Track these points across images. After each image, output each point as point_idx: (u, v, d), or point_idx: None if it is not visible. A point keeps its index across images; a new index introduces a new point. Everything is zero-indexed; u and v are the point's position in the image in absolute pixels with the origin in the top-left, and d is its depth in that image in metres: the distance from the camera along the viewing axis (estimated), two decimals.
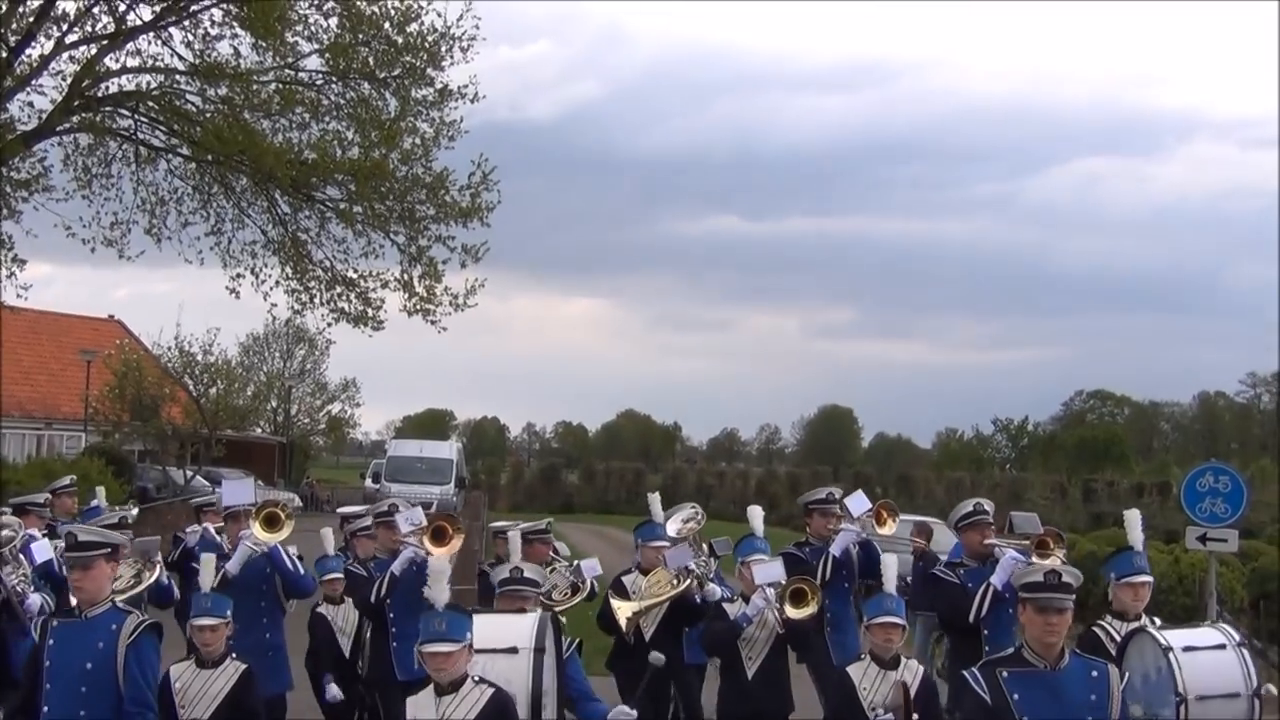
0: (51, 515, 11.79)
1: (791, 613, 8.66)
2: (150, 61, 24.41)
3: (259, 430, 55.99)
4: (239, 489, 10.62)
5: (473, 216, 24.89)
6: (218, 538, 11.97)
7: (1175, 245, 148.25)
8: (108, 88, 24.30)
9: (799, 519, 12.59)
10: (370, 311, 26.01)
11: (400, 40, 24.18)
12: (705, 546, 10.96)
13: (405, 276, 25.70)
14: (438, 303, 25.63)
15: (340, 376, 64.49)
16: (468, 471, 54.71)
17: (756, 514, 10.52)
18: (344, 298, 26.00)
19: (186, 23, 24.00)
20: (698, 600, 9.77)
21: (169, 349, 41.50)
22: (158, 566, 10.37)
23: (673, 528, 11.00)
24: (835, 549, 10.40)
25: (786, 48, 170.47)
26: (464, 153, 25.40)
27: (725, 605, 9.21)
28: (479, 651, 6.36)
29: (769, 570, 8.88)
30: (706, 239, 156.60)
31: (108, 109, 24.28)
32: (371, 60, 24.42)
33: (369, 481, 50.31)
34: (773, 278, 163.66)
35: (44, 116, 23.27)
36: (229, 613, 7.77)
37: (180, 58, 24.24)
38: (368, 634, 10.52)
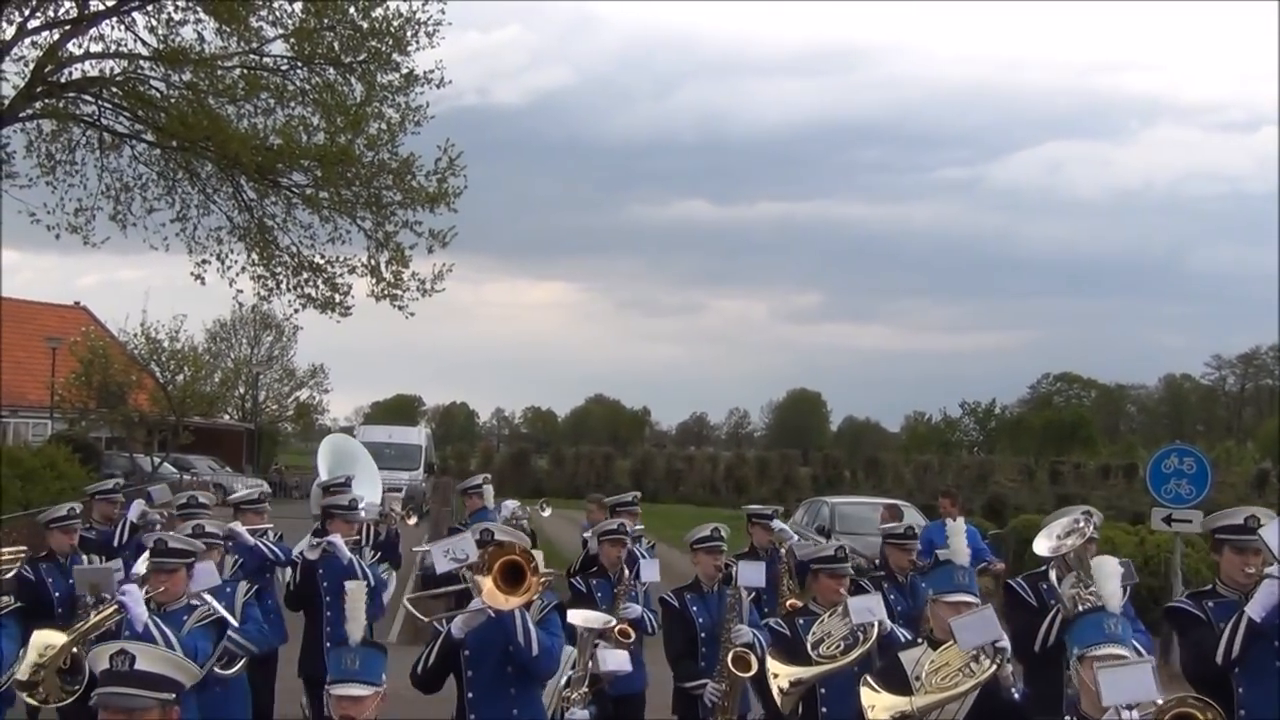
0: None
1: None
2: (114, 47, 24.25)
3: (227, 417, 55.71)
4: None
5: (439, 202, 24.83)
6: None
7: (1139, 228, 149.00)
8: (71, 73, 24.12)
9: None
10: (337, 297, 25.94)
11: (366, 25, 24.07)
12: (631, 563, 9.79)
13: (372, 262, 25.63)
14: (405, 288, 25.57)
15: (308, 362, 64.34)
16: (436, 457, 54.64)
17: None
18: (311, 283, 25.92)
19: (150, 7, 23.83)
20: (1015, 696, 6.19)
21: (135, 336, 41.26)
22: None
23: (1045, 545, 7.94)
24: (1255, 610, 6.78)
25: (753, 33, 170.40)
26: (431, 138, 25.36)
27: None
28: None
29: (1132, 681, 5.10)
30: (674, 223, 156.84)
31: (71, 95, 24.11)
32: (337, 45, 24.31)
33: None
34: (741, 262, 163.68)
35: (6, 103, 23.09)
36: None
37: (144, 43, 24.11)
38: None
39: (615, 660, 7.28)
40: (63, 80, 23.93)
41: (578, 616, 7.21)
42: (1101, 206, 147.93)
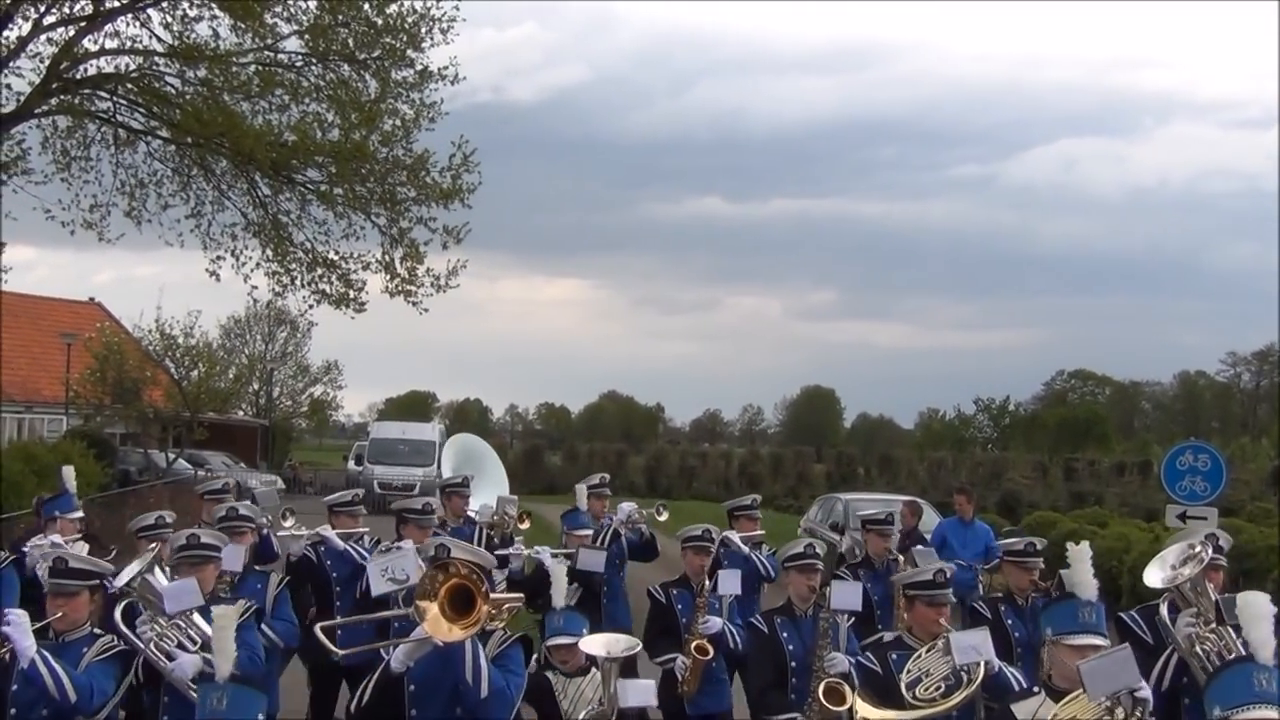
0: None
1: None
2: (129, 43, 24.31)
3: (241, 413, 55.88)
4: None
5: (454, 198, 24.84)
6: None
7: (1155, 226, 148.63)
8: (86, 69, 24.20)
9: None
10: (352, 293, 25.95)
11: (380, 22, 24.10)
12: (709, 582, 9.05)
13: (386, 258, 25.67)
14: (419, 284, 25.60)
15: (322, 359, 64.63)
16: None
17: None
18: (325, 279, 25.94)
19: (165, 4, 23.86)
20: None
21: (150, 332, 41.41)
22: None
23: (1158, 575, 6.93)
24: None
25: (770, 30, 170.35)
26: (445, 135, 25.37)
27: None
28: None
29: None
30: (689, 221, 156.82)
31: (86, 91, 24.16)
32: (351, 42, 24.34)
33: (352, 463, 50.30)
34: (755, 259, 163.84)
35: (22, 99, 23.16)
36: None
37: (159, 39, 24.15)
38: None
39: (638, 693, 6.34)
40: (78, 76, 24.00)
41: (596, 643, 6.28)
42: (1117, 204, 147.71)
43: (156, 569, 7.46)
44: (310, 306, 26.84)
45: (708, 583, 9.01)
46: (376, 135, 24.66)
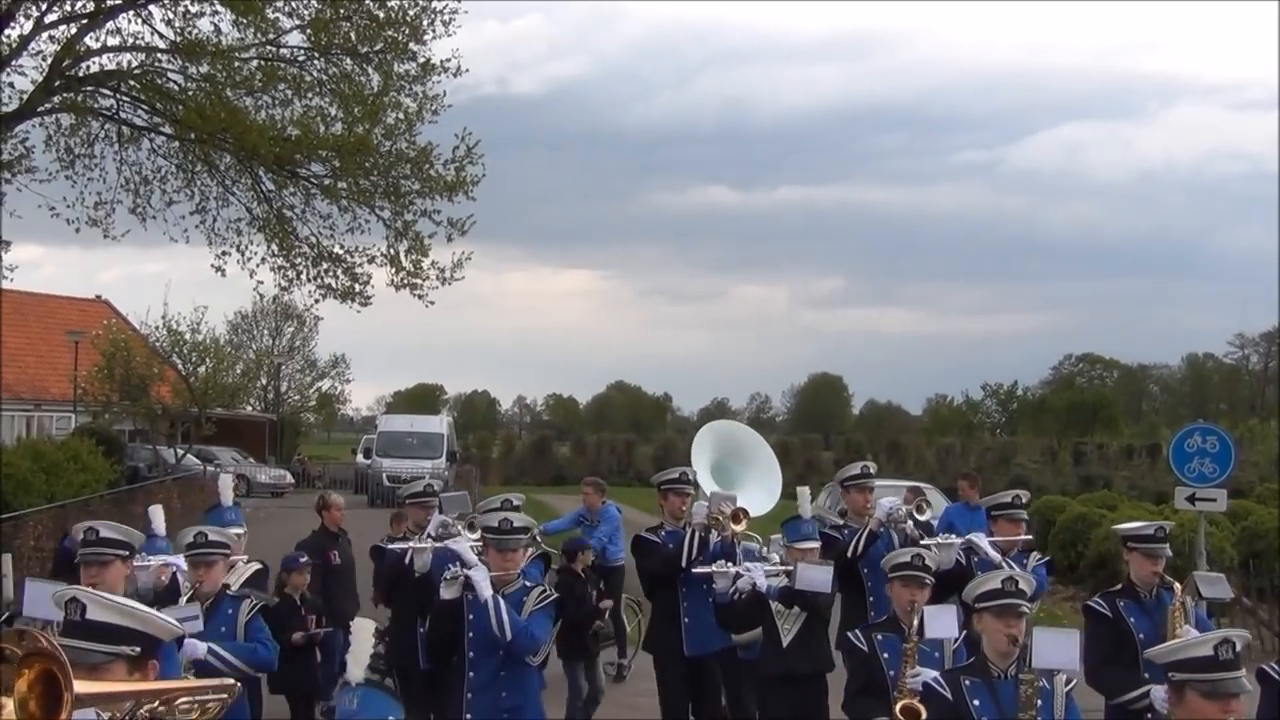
0: None
1: None
2: (131, 40, 24.25)
3: (249, 408, 55.93)
4: None
5: (458, 190, 24.80)
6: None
7: (1161, 208, 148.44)
8: (88, 67, 24.16)
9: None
10: (357, 287, 25.95)
11: (381, 15, 24.06)
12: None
13: (391, 251, 25.62)
14: (424, 277, 25.56)
15: (329, 353, 64.80)
16: (459, 445, 54.72)
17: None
18: (330, 274, 25.92)
19: (166, 0, 23.87)
20: None
21: (157, 328, 41.35)
22: None
23: None
24: None
25: (774, 19, 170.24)
26: (449, 127, 25.32)
27: None
28: None
29: None
30: (696, 210, 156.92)
31: (89, 89, 24.14)
32: (353, 35, 24.29)
33: (360, 457, 50.31)
34: (762, 248, 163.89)
35: (25, 97, 23.14)
36: None
37: (161, 36, 24.09)
38: None
39: None
40: (80, 74, 23.97)
41: None
42: (1123, 187, 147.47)
43: None
44: (316, 301, 26.95)
45: (916, 624, 7.06)
46: (380, 129, 24.62)
